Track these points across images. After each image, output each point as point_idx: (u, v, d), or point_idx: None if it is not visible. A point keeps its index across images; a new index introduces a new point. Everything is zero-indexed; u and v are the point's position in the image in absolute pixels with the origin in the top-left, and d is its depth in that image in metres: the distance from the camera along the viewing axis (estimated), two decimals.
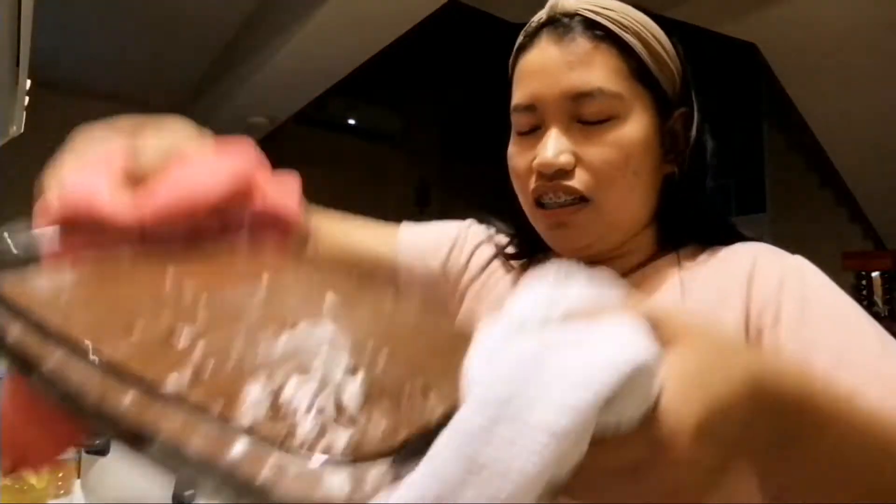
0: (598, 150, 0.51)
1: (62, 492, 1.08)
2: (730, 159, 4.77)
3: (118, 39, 3.23)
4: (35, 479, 0.94)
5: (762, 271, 0.53)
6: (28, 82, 1.53)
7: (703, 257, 0.58)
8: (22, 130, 1.70)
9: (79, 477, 1.02)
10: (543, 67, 0.53)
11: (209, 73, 3.53)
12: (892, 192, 3.44)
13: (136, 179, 0.36)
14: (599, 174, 0.51)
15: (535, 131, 0.54)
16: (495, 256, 0.66)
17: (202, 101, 3.66)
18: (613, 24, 0.53)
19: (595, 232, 0.53)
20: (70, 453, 1.09)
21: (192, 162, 0.37)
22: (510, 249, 0.66)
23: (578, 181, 0.51)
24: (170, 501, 0.94)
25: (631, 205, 0.54)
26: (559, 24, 0.54)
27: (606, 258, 0.56)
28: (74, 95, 3.77)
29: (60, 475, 1.08)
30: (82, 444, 0.96)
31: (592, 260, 0.55)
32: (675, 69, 0.57)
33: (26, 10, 1.16)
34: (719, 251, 0.58)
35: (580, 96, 0.51)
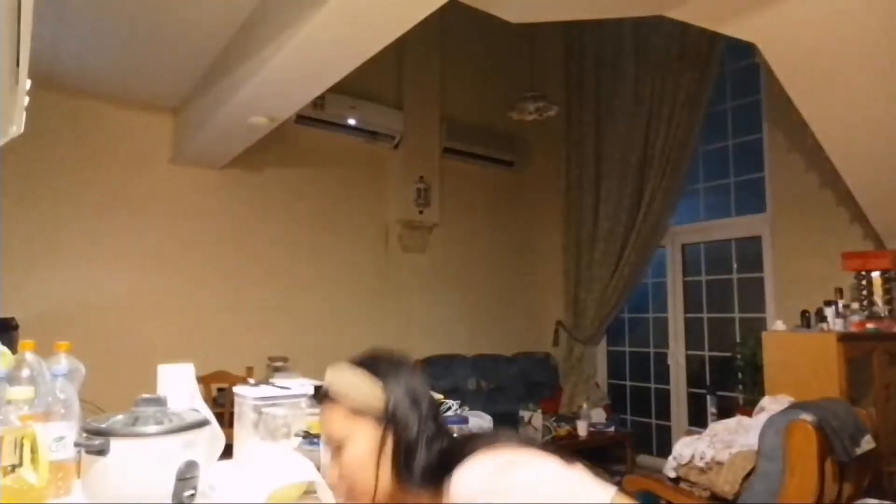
0: (343, 469, 0.89)
1: (62, 492, 1.07)
2: (730, 159, 4.78)
3: (118, 39, 3.22)
4: (35, 479, 0.94)
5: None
6: (28, 82, 1.53)
7: (445, 492, 0.83)
8: (22, 130, 1.70)
9: (79, 477, 1.02)
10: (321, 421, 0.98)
11: (209, 73, 3.53)
12: (892, 192, 3.44)
13: None
14: (347, 479, 0.89)
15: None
16: None
17: (202, 101, 3.66)
18: (332, 388, 0.93)
19: None
20: (70, 453, 1.09)
21: None
22: None
23: (341, 487, 0.91)
24: (170, 501, 0.94)
25: (371, 486, 0.87)
26: (323, 392, 0.94)
27: None
28: (74, 95, 3.77)
29: (60, 475, 1.08)
30: (82, 444, 0.96)
31: None
32: (378, 397, 0.90)
33: (26, 10, 1.16)
34: (449, 483, 0.83)
35: (328, 439, 0.93)
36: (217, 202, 4.28)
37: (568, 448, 4.67)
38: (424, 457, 0.88)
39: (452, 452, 0.88)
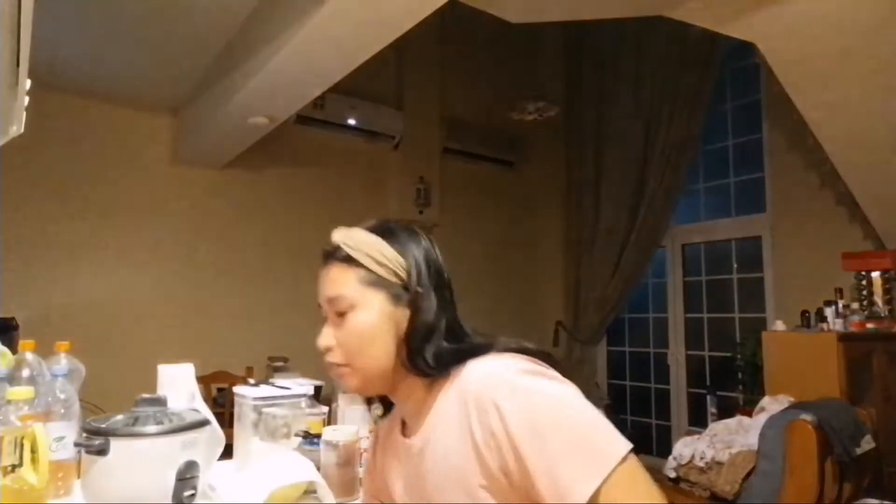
0: (343, 334, 0.83)
1: (62, 492, 1.08)
2: (730, 159, 4.78)
3: (118, 39, 3.22)
4: (35, 479, 0.94)
5: (477, 406, 0.72)
6: (28, 82, 1.53)
7: (449, 383, 0.80)
8: (22, 130, 1.69)
9: (79, 477, 1.02)
10: (320, 282, 0.87)
11: (209, 73, 3.53)
12: (892, 192, 3.44)
13: None
14: (346, 349, 0.83)
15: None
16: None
17: (202, 101, 3.66)
18: (347, 248, 0.83)
19: (357, 384, 0.84)
20: (70, 453, 1.09)
21: None
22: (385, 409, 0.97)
23: (336, 355, 0.84)
24: (170, 501, 0.94)
25: (372, 363, 0.82)
26: (328, 252, 0.87)
27: (397, 397, 0.87)
28: (74, 95, 3.77)
29: (60, 475, 1.08)
30: (82, 444, 0.96)
31: (383, 397, 0.91)
32: (400, 267, 0.83)
33: (26, 10, 1.16)
34: (457, 376, 0.79)
35: (332, 300, 0.84)
36: (217, 202, 4.28)
37: None
38: (438, 343, 0.81)
39: (470, 345, 0.82)
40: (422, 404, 0.83)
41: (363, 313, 0.81)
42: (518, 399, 0.69)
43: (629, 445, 0.66)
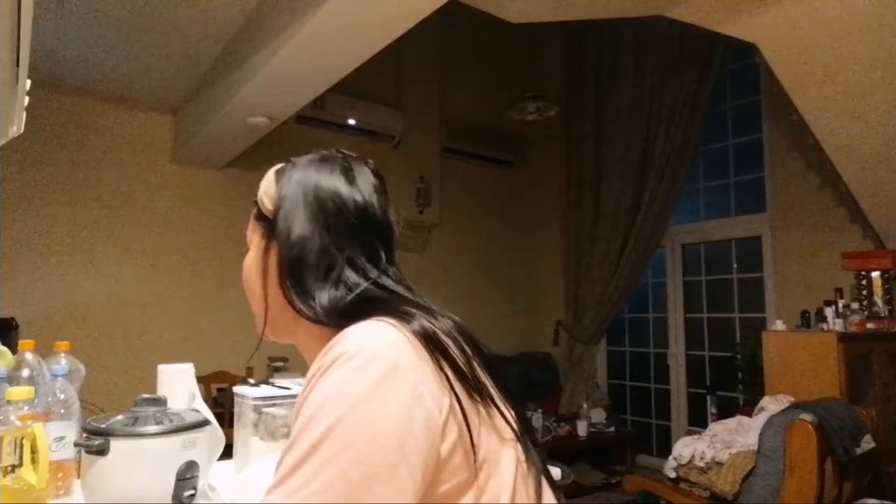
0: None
1: (62, 492, 1.07)
2: (730, 159, 4.78)
3: (118, 39, 3.22)
4: (35, 479, 0.93)
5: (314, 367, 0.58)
6: (28, 82, 1.53)
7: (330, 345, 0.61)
8: (22, 130, 1.69)
9: (79, 477, 1.02)
10: None
11: (209, 73, 3.53)
12: (892, 192, 3.44)
13: None
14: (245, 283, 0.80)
15: None
16: None
17: (202, 101, 3.66)
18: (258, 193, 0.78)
19: (259, 327, 0.77)
20: (70, 453, 1.09)
21: None
22: None
23: None
24: (170, 501, 0.94)
25: (257, 303, 0.77)
26: None
27: (299, 348, 0.76)
28: (74, 95, 3.77)
29: (60, 475, 1.08)
30: (82, 444, 0.96)
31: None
32: (273, 197, 0.75)
33: (26, 10, 1.16)
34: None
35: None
36: (217, 202, 4.28)
37: (568, 448, 4.65)
38: (310, 284, 0.68)
39: (359, 297, 0.67)
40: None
41: (248, 255, 0.79)
42: (322, 379, 0.55)
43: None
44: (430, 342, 0.60)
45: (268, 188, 0.77)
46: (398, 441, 0.51)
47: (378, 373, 0.53)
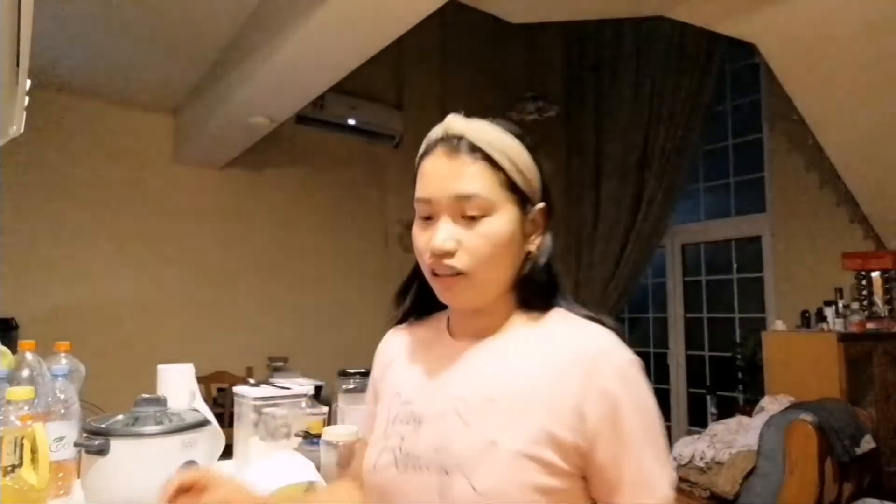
0: (475, 238, 0.71)
1: (62, 492, 1.08)
2: (730, 159, 4.78)
3: (118, 39, 3.22)
4: (35, 479, 0.94)
5: (602, 371, 0.69)
6: (28, 82, 1.53)
7: (553, 320, 0.76)
8: (22, 130, 1.70)
9: (79, 477, 1.02)
10: (438, 173, 0.74)
11: (209, 73, 3.53)
12: (892, 192, 3.44)
13: None
14: (475, 256, 0.71)
15: (430, 219, 0.75)
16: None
17: (202, 101, 3.66)
18: (489, 146, 0.73)
19: (470, 296, 0.74)
20: (70, 453, 1.09)
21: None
22: (411, 315, 0.90)
23: (459, 260, 0.72)
24: None
25: (497, 277, 0.74)
26: (451, 141, 0.74)
27: (482, 313, 0.77)
28: (74, 95, 3.77)
29: (60, 475, 1.08)
30: (82, 444, 0.96)
31: (476, 311, 0.77)
32: (534, 178, 0.76)
33: (26, 10, 1.16)
34: (569, 320, 0.75)
35: (463, 198, 0.71)
36: (217, 202, 4.28)
37: None
38: (548, 271, 0.77)
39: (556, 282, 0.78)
40: (501, 321, 0.77)
41: (500, 219, 0.72)
42: (634, 392, 0.71)
43: None
44: None
45: (523, 162, 0.76)
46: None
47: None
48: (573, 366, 0.68)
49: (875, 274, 3.44)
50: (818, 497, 2.29)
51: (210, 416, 1.08)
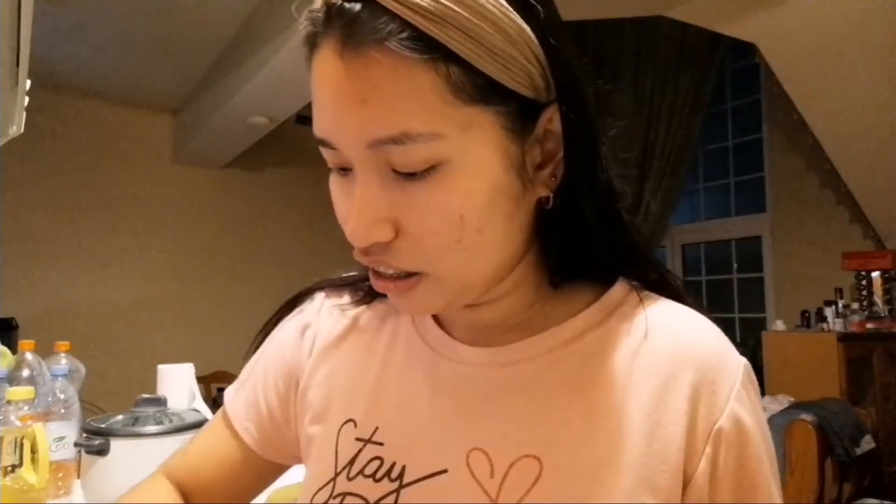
0: (420, 215, 0.37)
1: (62, 492, 1.08)
2: (730, 159, 4.78)
3: (118, 39, 3.22)
4: (35, 479, 0.94)
5: (714, 384, 0.46)
6: (28, 82, 1.53)
7: (623, 305, 0.47)
8: (22, 130, 1.70)
9: (79, 477, 1.02)
10: (329, 93, 0.37)
11: (209, 73, 3.53)
12: (892, 192, 3.44)
13: None
14: (426, 246, 0.38)
15: (347, 171, 0.40)
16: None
17: (202, 101, 3.66)
18: (418, 14, 0.33)
19: (441, 299, 0.42)
20: (70, 453, 1.09)
21: None
22: (352, 298, 0.59)
23: (401, 256, 0.39)
24: None
25: (481, 265, 0.41)
26: (341, 16, 0.35)
27: (488, 303, 0.46)
28: (74, 95, 3.77)
29: (60, 475, 1.08)
30: (82, 444, 0.96)
31: (472, 305, 0.46)
32: (531, 54, 0.38)
33: (26, 10, 1.16)
34: (651, 306, 0.47)
35: (381, 143, 0.36)
36: (217, 202, 4.28)
37: None
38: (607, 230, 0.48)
39: (636, 245, 0.50)
40: (526, 310, 0.47)
41: (466, 170, 0.37)
42: (757, 415, 0.46)
43: None
44: None
45: (516, 33, 0.36)
46: None
47: None
48: (676, 387, 0.43)
49: (875, 274, 3.44)
50: (818, 497, 2.29)
51: (210, 416, 1.08)
